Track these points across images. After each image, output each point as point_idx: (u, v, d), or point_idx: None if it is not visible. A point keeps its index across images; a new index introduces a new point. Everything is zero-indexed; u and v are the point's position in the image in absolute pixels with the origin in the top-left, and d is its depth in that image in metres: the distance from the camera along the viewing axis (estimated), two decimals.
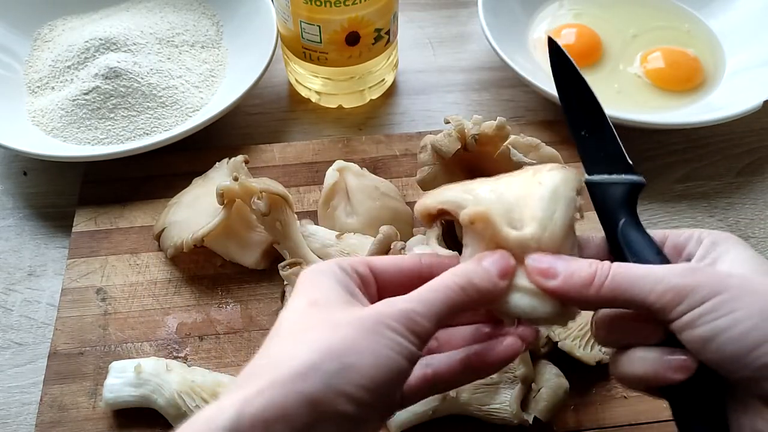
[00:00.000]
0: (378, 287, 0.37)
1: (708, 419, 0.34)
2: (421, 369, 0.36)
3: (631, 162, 0.40)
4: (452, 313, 0.34)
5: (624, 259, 0.37)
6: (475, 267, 0.35)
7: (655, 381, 0.34)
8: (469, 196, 0.38)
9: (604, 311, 0.37)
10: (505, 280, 0.35)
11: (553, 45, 0.43)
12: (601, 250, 0.39)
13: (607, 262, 0.35)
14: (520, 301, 0.35)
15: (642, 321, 0.35)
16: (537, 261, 0.35)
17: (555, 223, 0.36)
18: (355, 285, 0.35)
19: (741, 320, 0.31)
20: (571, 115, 0.43)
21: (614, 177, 0.40)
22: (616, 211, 0.39)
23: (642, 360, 0.35)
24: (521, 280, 0.35)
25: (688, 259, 0.37)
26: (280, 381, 0.29)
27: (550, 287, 0.35)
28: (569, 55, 0.43)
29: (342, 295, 0.34)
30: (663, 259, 0.37)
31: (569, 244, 0.36)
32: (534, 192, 0.37)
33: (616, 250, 0.38)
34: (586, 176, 0.40)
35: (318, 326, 0.32)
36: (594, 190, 0.40)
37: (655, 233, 0.39)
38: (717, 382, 0.34)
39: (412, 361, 0.32)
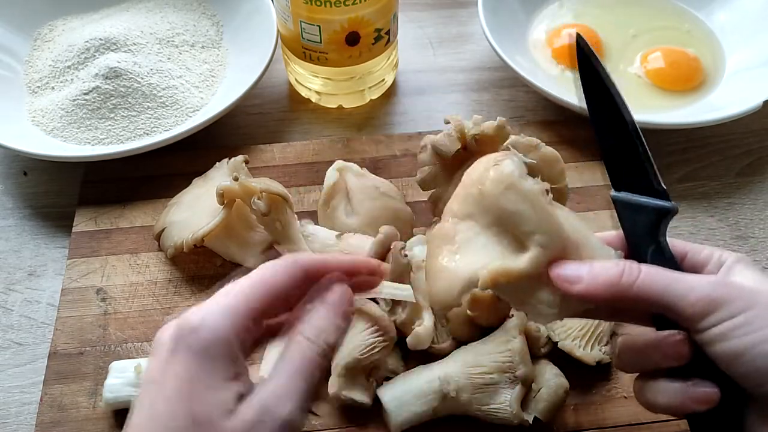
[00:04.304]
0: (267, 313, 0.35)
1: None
2: None
3: (664, 186, 0.39)
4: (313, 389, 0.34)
5: None
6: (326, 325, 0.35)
7: (681, 410, 0.35)
8: (474, 267, 0.36)
9: (629, 338, 0.38)
10: (346, 323, 0.35)
11: (581, 45, 0.40)
12: (622, 247, 0.39)
13: (635, 263, 0.35)
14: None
15: (666, 347, 0.35)
16: (560, 266, 0.35)
17: (549, 222, 0.35)
18: (238, 350, 0.33)
19: None
20: (601, 127, 0.40)
21: (645, 200, 0.38)
22: (644, 237, 0.38)
23: (666, 391, 0.36)
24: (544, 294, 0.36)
25: None
26: None
27: (575, 291, 0.35)
28: (599, 57, 0.40)
29: (222, 397, 0.32)
30: None
31: (578, 229, 0.36)
32: (506, 214, 0.36)
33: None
34: (613, 192, 0.39)
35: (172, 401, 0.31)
36: (621, 209, 0.39)
37: (676, 245, 0.39)
38: (737, 396, 0.34)
39: None
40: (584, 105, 0.41)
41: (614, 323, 0.53)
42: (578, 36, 0.41)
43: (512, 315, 0.50)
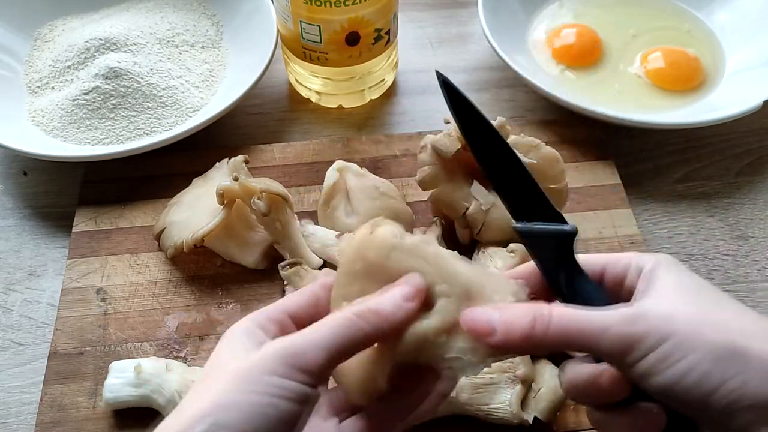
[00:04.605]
0: (301, 326, 0.34)
1: None
2: None
3: (558, 209, 0.38)
4: (349, 343, 0.32)
5: (567, 299, 0.36)
6: (375, 296, 0.33)
7: None
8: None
9: (571, 375, 0.36)
10: (411, 303, 0.33)
11: (446, 85, 0.39)
12: (535, 281, 0.38)
13: (545, 306, 0.33)
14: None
15: (604, 384, 0.35)
16: (470, 316, 0.33)
17: (444, 268, 0.34)
18: (268, 335, 0.34)
19: (695, 365, 0.31)
20: (483, 160, 0.39)
21: (542, 226, 0.38)
22: (555, 265, 0.37)
23: (619, 424, 0.35)
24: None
25: (630, 292, 0.36)
26: None
27: (492, 343, 0.33)
28: (464, 93, 0.39)
29: (247, 346, 0.33)
30: (609, 302, 0.35)
31: (474, 268, 0.35)
32: (398, 276, 0.34)
33: (560, 295, 0.37)
34: (514, 223, 0.38)
35: (208, 380, 0.32)
36: (525, 239, 0.38)
37: (594, 261, 0.38)
38: (687, 423, 0.34)
39: (304, 400, 0.31)
40: (466, 141, 0.40)
41: None
42: (438, 74, 0.40)
43: None
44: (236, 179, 0.55)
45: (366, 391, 0.34)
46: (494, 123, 0.53)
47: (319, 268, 0.56)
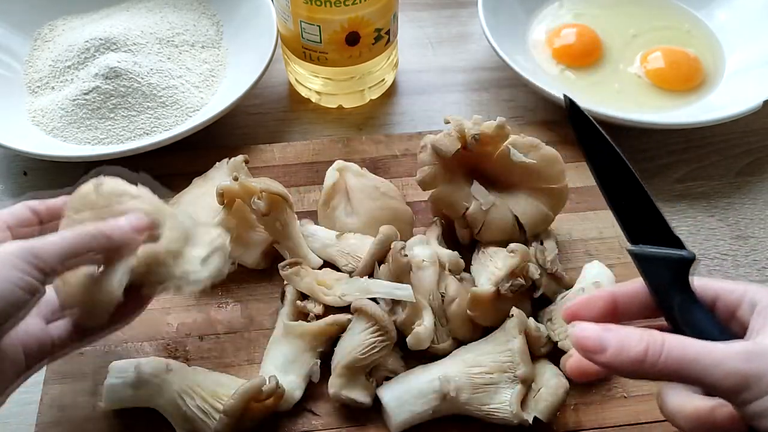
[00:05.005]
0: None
1: None
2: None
3: (677, 235, 0.38)
4: (79, 253, 0.39)
5: (678, 329, 0.36)
6: (111, 221, 0.41)
7: None
8: None
9: (674, 407, 0.36)
10: (141, 235, 0.42)
11: (573, 105, 0.40)
12: (642, 298, 0.38)
13: (658, 335, 0.34)
14: None
15: (724, 420, 0.34)
16: (583, 332, 0.34)
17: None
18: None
19: None
20: (604, 182, 0.40)
21: (661, 251, 0.37)
22: (668, 290, 0.37)
23: None
24: None
25: (742, 325, 0.36)
26: None
27: (600, 361, 0.34)
28: (591, 118, 0.40)
29: None
30: (723, 333, 0.35)
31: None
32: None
33: (671, 320, 0.37)
34: (629, 246, 0.38)
35: None
36: (640, 263, 0.38)
37: (706, 287, 0.37)
38: None
39: (31, 292, 0.37)
40: (587, 163, 0.41)
41: None
42: (566, 97, 0.41)
43: (512, 315, 0.50)
44: (236, 179, 0.55)
45: (98, 303, 0.42)
46: (494, 123, 0.54)
47: (320, 268, 0.56)
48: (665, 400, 0.36)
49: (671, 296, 0.36)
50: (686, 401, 0.35)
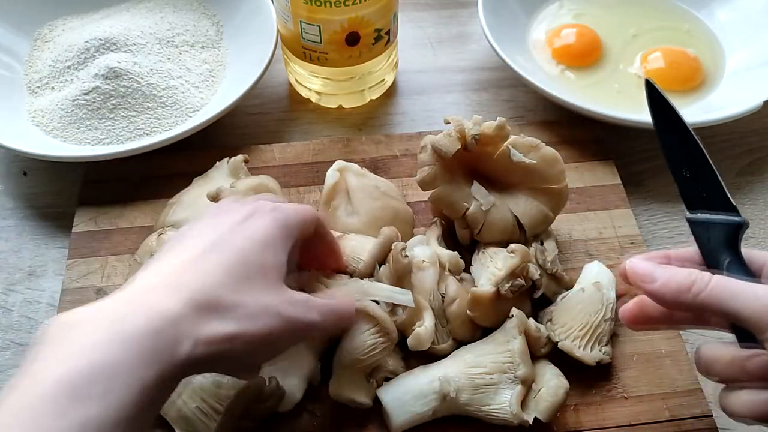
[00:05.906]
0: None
1: None
2: None
3: (733, 202, 0.42)
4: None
5: None
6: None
7: (766, 418, 0.36)
8: None
9: (709, 353, 0.39)
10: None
11: (650, 86, 0.45)
12: (694, 263, 0.41)
13: (707, 274, 0.37)
14: None
15: (752, 368, 0.37)
16: (637, 263, 0.39)
17: None
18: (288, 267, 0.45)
19: None
20: (671, 154, 0.44)
21: (716, 216, 0.42)
22: (719, 250, 0.40)
23: (751, 402, 0.37)
24: None
25: None
26: None
27: (649, 289, 0.37)
28: (667, 96, 0.44)
29: (276, 277, 0.43)
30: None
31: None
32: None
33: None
34: (688, 213, 0.43)
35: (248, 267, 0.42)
36: (695, 228, 0.42)
37: (754, 256, 0.41)
38: None
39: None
40: (657, 135, 0.45)
41: (614, 324, 0.53)
42: (647, 81, 0.46)
43: (512, 315, 0.50)
44: (232, 186, 0.55)
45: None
46: (494, 123, 0.54)
47: None
48: (703, 352, 0.39)
49: (721, 256, 0.40)
50: (724, 351, 0.39)
